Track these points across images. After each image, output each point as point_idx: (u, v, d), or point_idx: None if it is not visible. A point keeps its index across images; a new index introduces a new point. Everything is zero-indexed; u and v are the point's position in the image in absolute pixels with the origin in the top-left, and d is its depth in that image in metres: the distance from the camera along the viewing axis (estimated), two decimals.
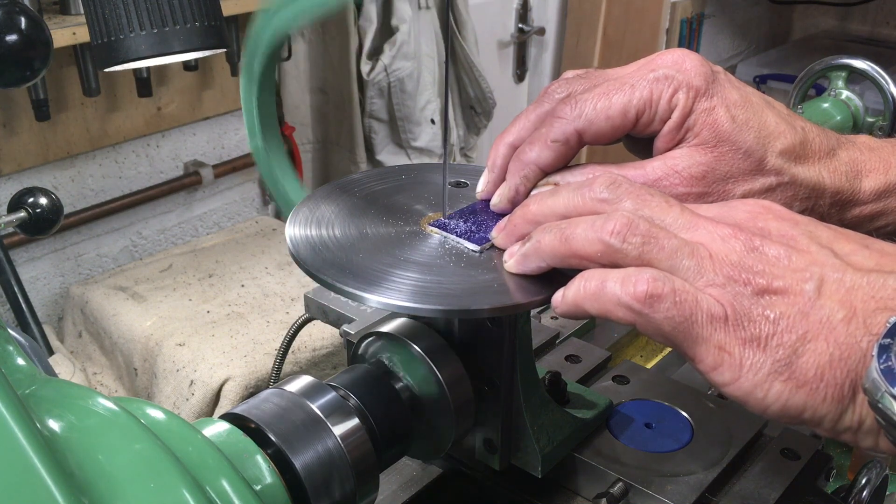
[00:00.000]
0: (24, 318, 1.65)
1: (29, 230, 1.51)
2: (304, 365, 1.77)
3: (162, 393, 1.77)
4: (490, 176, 0.64)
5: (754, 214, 0.52)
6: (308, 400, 0.55)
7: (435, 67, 2.53)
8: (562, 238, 0.52)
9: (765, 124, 0.60)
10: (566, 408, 0.69)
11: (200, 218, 2.43)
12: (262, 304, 1.91)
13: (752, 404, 0.48)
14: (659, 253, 0.50)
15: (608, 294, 0.49)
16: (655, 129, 0.60)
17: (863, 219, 0.63)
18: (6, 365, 0.43)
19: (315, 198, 0.66)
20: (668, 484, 0.64)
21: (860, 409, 0.46)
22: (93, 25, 0.81)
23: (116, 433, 0.40)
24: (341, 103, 2.47)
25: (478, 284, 0.56)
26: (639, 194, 0.53)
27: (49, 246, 2.09)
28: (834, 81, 1.31)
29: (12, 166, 1.95)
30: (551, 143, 0.60)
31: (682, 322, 0.48)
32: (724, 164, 0.59)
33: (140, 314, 1.87)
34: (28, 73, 1.23)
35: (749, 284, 0.48)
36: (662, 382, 0.77)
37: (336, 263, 0.57)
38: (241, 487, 0.43)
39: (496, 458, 0.65)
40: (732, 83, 0.61)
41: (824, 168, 0.61)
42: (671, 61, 0.59)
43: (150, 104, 2.16)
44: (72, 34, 1.77)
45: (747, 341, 0.47)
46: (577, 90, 0.61)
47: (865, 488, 0.67)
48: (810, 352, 0.46)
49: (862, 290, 0.46)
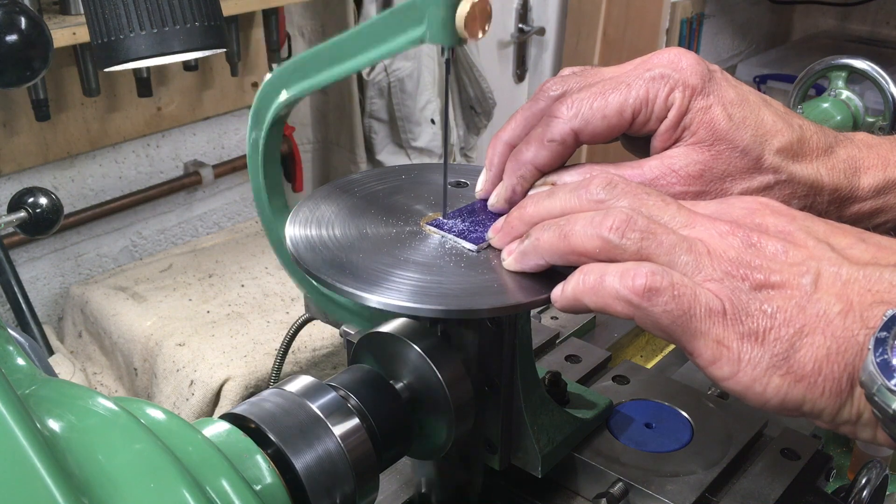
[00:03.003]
0: (24, 318, 1.65)
1: (29, 230, 1.51)
2: (304, 365, 1.77)
3: (162, 393, 1.77)
4: (488, 175, 0.64)
5: (751, 211, 0.52)
6: (308, 400, 0.55)
7: (435, 67, 2.53)
8: (561, 235, 0.52)
9: (762, 122, 0.60)
10: (566, 408, 0.69)
11: (200, 218, 2.43)
12: (262, 304, 1.91)
13: (751, 398, 0.48)
14: (657, 248, 0.50)
15: (607, 288, 0.50)
16: (652, 129, 0.60)
17: (862, 216, 0.63)
18: (6, 365, 0.43)
19: (315, 198, 0.66)
20: (668, 484, 0.64)
21: (858, 402, 0.46)
22: (93, 25, 0.81)
23: (116, 433, 0.40)
24: (341, 103, 2.47)
25: (477, 284, 0.56)
26: (636, 193, 0.53)
27: (49, 246, 2.09)
28: (834, 81, 1.31)
29: (12, 166, 1.95)
30: (548, 142, 0.60)
31: (681, 316, 0.48)
32: (721, 162, 0.59)
33: (140, 314, 1.87)
34: (28, 73, 1.23)
35: (747, 279, 0.48)
36: (662, 382, 0.77)
37: (336, 263, 0.57)
38: (241, 487, 0.43)
39: (496, 458, 0.65)
40: (729, 81, 0.61)
41: (822, 165, 0.61)
42: (667, 60, 0.60)
43: (150, 104, 2.16)
44: (72, 34, 1.77)
45: (745, 335, 0.47)
46: (572, 88, 0.61)
47: (865, 488, 0.67)
48: (808, 345, 0.46)
49: (858, 284, 0.46)
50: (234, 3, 1.93)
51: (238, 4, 1.95)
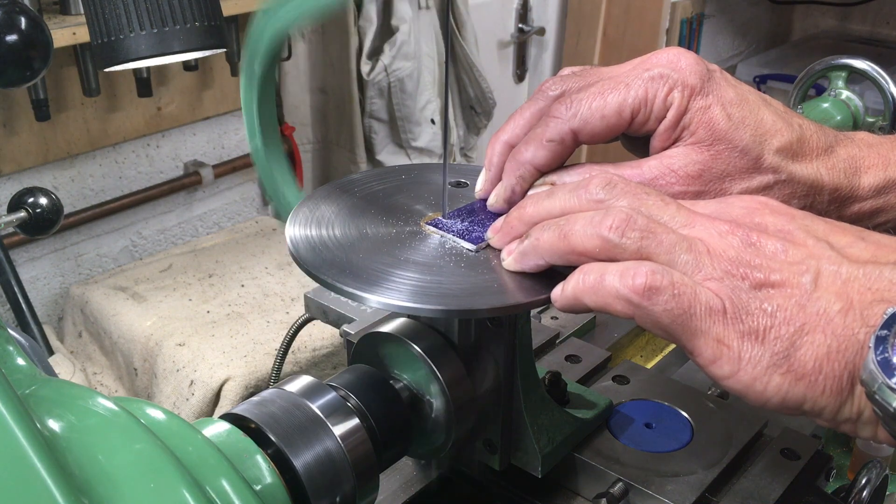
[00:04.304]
0: (24, 318, 1.65)
1: (29, 230, 1.51)
2: (304, 365, 1.77)
3: (162, 393, 1.77)
4: (487, 175, 0.64)
5: (751, 210, 0.52)
6: (308, 400, 0.55)
7: (435, 67, 2.53)
8: (560, 234, 0.52)
9: (761, 122, 0.59)
10: (566, 408, 0.68)
11: (200, 218, 2.43)
12: (262, 304, 1.92)
13: (752, 397, 0.48)
14: (657, 247, 0.50)
15: (607, 287, 0.50)
16: (651, 128, 0.60)
17: (862, 215, 0.63)
18: (6, 365, 0.43)
19: (315, 198, 0.66)
20: (668, 484, 0.64)
21: (859, 401, 0.46)
22: (93, 25, 0.81)
23: (116, 433, 0.40)
24: (341, 103, 2.47)
25: (477, 284, 0.56)
26: (635, 193, 0.53)
27: (49, 246, 2.09)
28: (834, 81, 1.31)
29: (12, 166, 1.95)
30: (547, 142, 0.60)
31: (681, 315, 0.48)
32: (720, 162, 0.59)
33: (140, 314, 1.87)
34: (28, 73, 1.23)
35: (747, 278, 0.48)
36: (662, 382, 0.77)
37: (336, 263, 0.57)
38: (241, 487, 0.43)
39: (496, 458, 0.65)
40: (728, 81, 0.61)
41: (822, 165, 0.61)
42: (666, 60, 0.59)
43: (150, 104, 2.16)
44: (72, 34, 1.77)
45: (745, 334, 0.47)
46: (571, 88, 0.61)
47: (865, 488, 0.67)
48: (808, 344, 0.46)
49: (858, 282, 0.46)
50: (234, 3, 1.93)
51: (238, 4, 1.95)
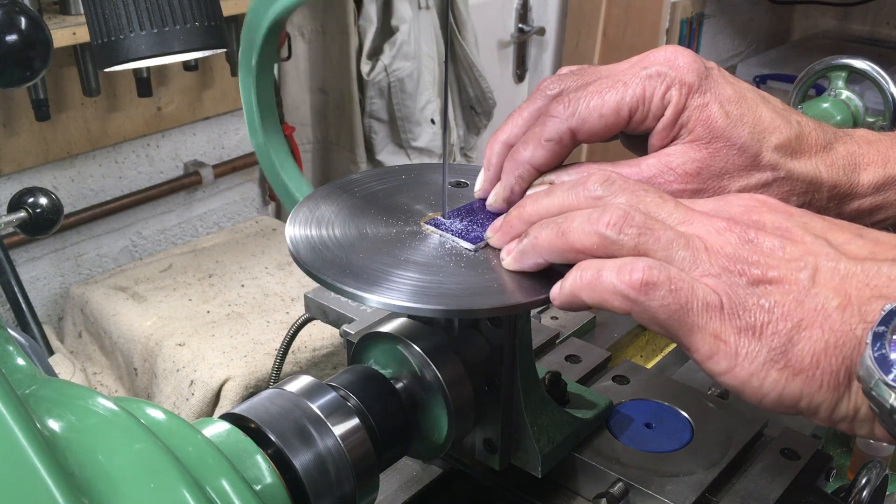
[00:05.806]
0: (24, 318, 1.65)
1: (29, 230, 1.51)
2: (304, 365, 1.77)
3: (162, 393, 1.77)
4: (486, 174, 0.64)
5: (749, 208, 0.52)
6: (308, 400, 0.55)
7: (435, 67, 2.53)
8: (558, 232, 0.52)
9: (759, 119, 0.59)
10: (566, 408, 0.68)
11: (200, 218, 2.43)
12: (262, 304, 1.91)
13: (749, 393, 0.48)
14: (655, 244, 0.50)
15: (604, 283, 0.50)
16: (649, 127, 0.60)
17: (862, 212, 0.63)
18: (6, 365, 0.43)
19: (315, 198, 0.66)
20: (668, 484, 0.64)
21: (855, 398, 0.46)
22: (93, 25, 0.81)
23: (116, 433, 0.40)
24: (341, 103, 2.47)
25: (477, 284, 0.56)
26: (633, 190, 0.53)
27: (49, 246, 2.09)
28: (834, 81, 1.31)
29: (12, 166, 1.95)
30: (545, 142, 0.60)
31: (678, 310, 0.48)
32: (718, 160, 0.59)
33: (140, 314, 1.87)
34: (28, 73, 1.23)
35: (744, 275, 0.48)
36: (662, 382, 0.77)
37: (336, 263, 0.57)
38: (241, 487, 0.43)
39: (496, 458, 0.65)
40: (726, 79, 0.61)
41: (821, 162, 0.61)
42: (664, 58, 0.60)
43: (150, 104, 2.16)
44: (72, 34, 1.77)
45: (742, 330, 0.47)
46: (569, 87, 0.61)
47: (865, 488, 0.67)
48: (805, 339, 0.46)
49: (856, 279, 0.46)
50: (234, 3, 1.93)
51: (238, 4, 1.95)
